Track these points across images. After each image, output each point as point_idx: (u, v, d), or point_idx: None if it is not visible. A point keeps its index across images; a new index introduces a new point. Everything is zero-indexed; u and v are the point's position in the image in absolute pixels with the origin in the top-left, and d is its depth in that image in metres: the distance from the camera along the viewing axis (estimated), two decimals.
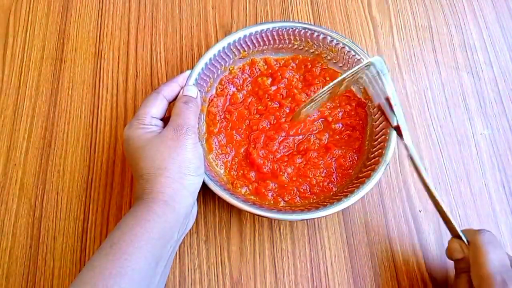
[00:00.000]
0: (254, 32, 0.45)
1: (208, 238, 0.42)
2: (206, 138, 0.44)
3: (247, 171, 0.43)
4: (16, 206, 0.43)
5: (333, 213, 0.38)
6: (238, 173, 0.43)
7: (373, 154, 0.42)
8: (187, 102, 0.39)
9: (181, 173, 0.34)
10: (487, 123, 0.49)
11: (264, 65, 0.48)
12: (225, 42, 0.44)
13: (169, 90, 0.40)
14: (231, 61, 0.47)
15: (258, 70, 0.48)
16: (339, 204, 0.38)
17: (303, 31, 0.46)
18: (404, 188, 0.45)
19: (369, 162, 0.41)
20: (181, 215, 0.34)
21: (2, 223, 0.43)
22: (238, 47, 0.46)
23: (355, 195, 0.38)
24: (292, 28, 0.46)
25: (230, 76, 0.47)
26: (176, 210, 0.34)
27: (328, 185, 0.42)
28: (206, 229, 0.43)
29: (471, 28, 0.54)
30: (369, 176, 0.39)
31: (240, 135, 0.45)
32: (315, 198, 0.42)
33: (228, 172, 0.43)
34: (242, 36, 0.45)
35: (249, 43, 0.46)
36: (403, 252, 0.42)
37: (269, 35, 0.46)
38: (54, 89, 0.49)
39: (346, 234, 0.43)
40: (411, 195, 0.45)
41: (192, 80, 0.42)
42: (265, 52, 0.48)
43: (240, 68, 0.47)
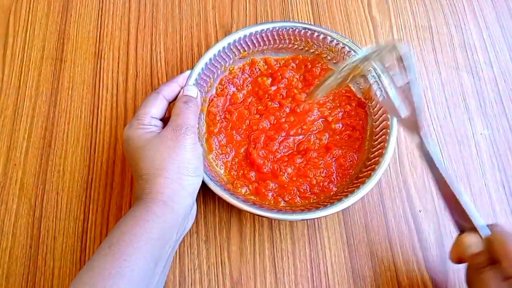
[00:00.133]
0: (254, 32, 0.45)
1: (208, 238, 0.42)
2: (206, 138, 0.44)
3: (247, 171, 0.43)
4: (16, 206, 0.43)
5: (333, 213, 0.38)
6: (238, 173, 0.43)
7: (373, 154, 0.42)
8: (187, 102, 0.39)
9: (179, 173, 0.34)
10: (487, 123, 0.48)
11: (264, 65, 0.48)
12: (225, 42, 0.44)
13: (169, 90, 0.40)
14: (231, 61, 0.47)
15: (258, 70, 0.48)
16: (339, 204, 0.38)
17: (303, 31, 0.46)
18: (404, 188, 0.45)
19: (369, 162, 0.41)
20: (180, 216, 0.34)
21: (2, 223, 0.43)
22: (238, 47, 0.46)
23: (355, 195, 0.38)
24: (292, 28, 0.46)
25: (230, 76, 0.47)
26: (175, 210, 0.34)
27: (328, 185, 0.42)
28: (206, 229, 0.43)
29: (471, 28, 0.53)
30: (369, 176, 0.39)
31: (240, 135, 0.45)
32: (315, 198, 0.42)
33: (228, 172, 0.43)
34: (242, 36, 0.45)
35: (249, 43, 0.46)
36: (403, 252, 0.42)
37: (269, 35, 0.46)
38: (54, 89, 0.49)
39: (346, 234, 0.43)
40: (411, 195, 0.45)
41: (192, 80, 0.42)
42: (265, 52, 0.48)
43: (240, 68, 0.47)
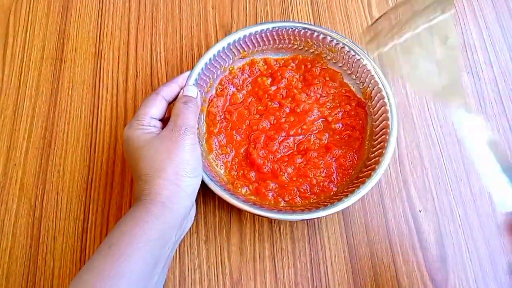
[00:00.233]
0: (254, 32, 0.45)
1: (208, 238, 0.42)
2: (206, 138, 0.44)
3: (247, 171, 0.43)
4: (16, 206, 0.43)
5: (333, 213, 0.38)
6: (238, 173, 0.43)
7: (373, 154, 0.42)
8: (187, 102, 0.39)
9: (177, 174, 0.34)
10: (487, 123, 0.48)
11: (264, 65, 0.48)
12: (225, 42, 0.44)
13: (168, 91, 0.40)
14: (231, 61, 0.47)
15: (258, 70, 0.48)
16: (339, 204, 0.38)
17: (303, 31, 0.46)
18: (404, 188, 0.45)
19: (369, 162, 0.41)
20: (179, 216, 0.34)
21: (2, 223, 0.43)
22: (238, 47, 0.46)
23: (355, 195, 0.38)
24: (292, 28, 0.46)
25: (230, 76, 0.47)
26: (174, 211, 0.34)
27: (328, 185, 0.42)
28: (206, 229, 0.43)
29: (471, 28, 0.53)
30: (369, 176, 0.39)
31: (240, 135, 0.45)
32: (315, 198, 0.42)
33: (228, 172, 0.43)
34: (242, 36, 0.45)
35: (249, 43, 0.46)
36: (403, 252, 0.42)
37: (269, 35, 0.46)
38: (54, 89, 0.49)
39: (346, 234, 0.43)
40: (411, 195, 0.45)
41: (192, 80, 0.42)
42: (265, 52, 0.48)
43: (240, 68, 0.47)
